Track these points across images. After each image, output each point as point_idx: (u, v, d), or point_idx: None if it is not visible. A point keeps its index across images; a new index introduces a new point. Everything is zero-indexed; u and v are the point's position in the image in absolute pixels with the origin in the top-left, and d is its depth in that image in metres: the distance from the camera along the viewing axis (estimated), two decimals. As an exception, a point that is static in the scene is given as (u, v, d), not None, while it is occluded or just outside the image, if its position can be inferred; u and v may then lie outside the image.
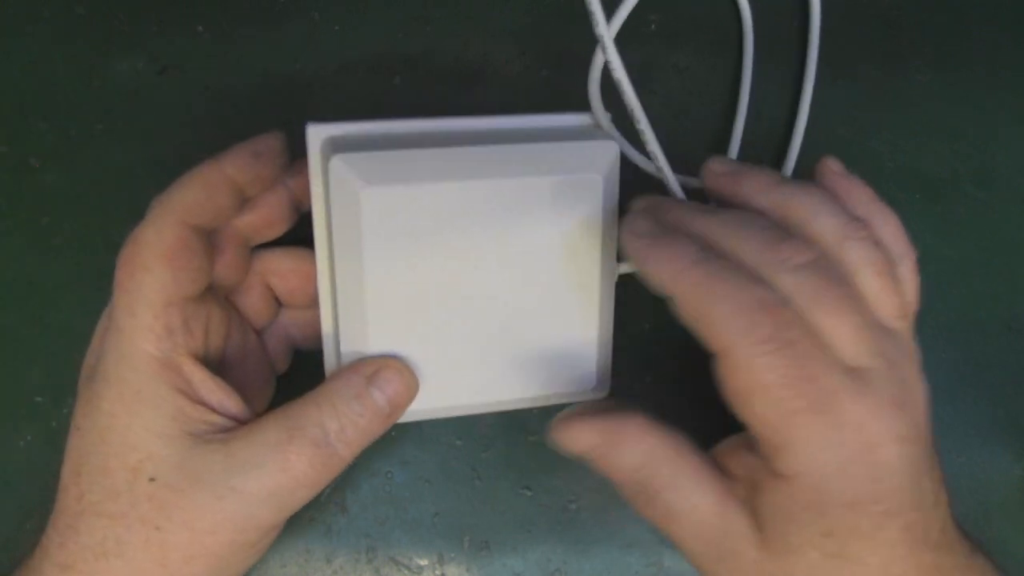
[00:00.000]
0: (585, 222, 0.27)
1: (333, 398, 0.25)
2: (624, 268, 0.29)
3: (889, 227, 0.26)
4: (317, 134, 0.27)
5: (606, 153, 0.27)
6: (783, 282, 0.23)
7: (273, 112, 0.34)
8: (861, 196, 0.26)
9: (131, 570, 0.25)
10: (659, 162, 0.27)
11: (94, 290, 0.33)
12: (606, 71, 0.26)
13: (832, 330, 0.23)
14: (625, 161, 0.29)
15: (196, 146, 0.34)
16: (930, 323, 0.32)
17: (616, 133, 0.28)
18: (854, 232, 0.24)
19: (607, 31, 0.24)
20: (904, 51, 0.35)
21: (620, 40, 0.29)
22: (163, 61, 0.34)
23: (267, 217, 0.28)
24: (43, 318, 0.33)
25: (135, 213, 0.33)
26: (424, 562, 0.33)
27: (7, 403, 0.33)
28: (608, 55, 0.25)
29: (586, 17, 0.24)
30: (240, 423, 0.26)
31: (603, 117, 0.27)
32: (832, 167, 0.27)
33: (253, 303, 0.30)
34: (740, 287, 0.23)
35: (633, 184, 0.30)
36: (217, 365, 0.28)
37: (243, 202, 0.27)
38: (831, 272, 0.24)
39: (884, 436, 0.23)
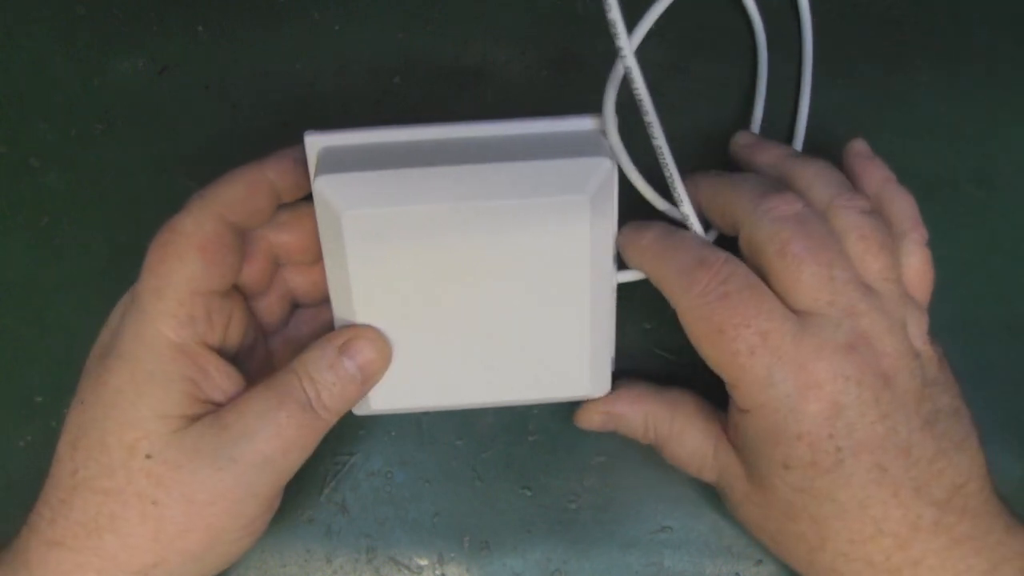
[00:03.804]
0: (574, 240, 0.27)
1: (308, 367, 0.26)
2: (624, 277, 0.29)
3: (899, 204, 0.28)
4: (314, 144, 0.27)
5: (597, 171, 0.26)
6: (762, 230, 0.26)
7: (273, 112, 0.34)
8: (876, 175, 0.28)
9: (123, 545, 0.25)
10: (666, 160, 0.27)
11: (94, 290, 0.33)
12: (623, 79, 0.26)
13: (792, 276, 0.25)
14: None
15: (196, 146, 0.34)
16: (930, 323, 0.32)
17: (617, 140, 0.27)
18: (844, 200, 0.26)
19: (628, 43, 0.24)
20: (904, 51, 0.35)
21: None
22: (163, 61, 0.34)
23: (300, 241, 0.29)
24: (43, 318, 0.33)
25: (135, 213, 0.34)
26: (424, 562, 0.33)
27: (7, 403, 0.33)
28: (627, 63, 0.24)
29: (586, 17, 0.24)
30: None
31: (611, 122, 0.27)
32: (857, 148, 0.29)
33: (269, 306, 0.30)
34: (684, 251, 0.26)
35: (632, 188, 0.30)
36: (230, 361, 0.28)
37: (278, 203, 0.28)
38: (810, 226, 0.26)
39: (827, 375, 0.24)
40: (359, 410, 0.29)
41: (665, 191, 0.28)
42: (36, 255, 0.33)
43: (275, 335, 0.31)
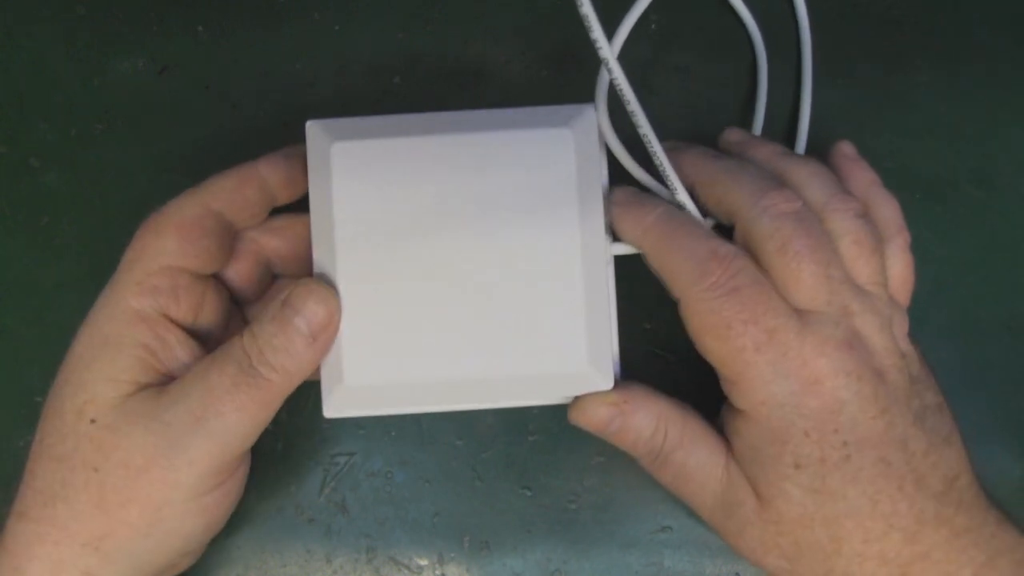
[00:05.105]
0: (560, 182, 0.27)
1: (252, 324, 0.26)
2: (619, 249, 0.28)
3: (885, 209, 0.28)
4: (314, 128, 0.27)
5: (580, 115, 0.27)
6: (763, 226, 0.25)
7: (273, 112, 0.34)
8: (863, 178, 0.28)
9: (72, 513, 0.25)
10: (655, 149, 0.26)
11: (94, 290, 0.33)
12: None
13: (792, 274, 0.25)
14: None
15: (196, 146, 0.34)
16: (930, 323, 0.32)
17: (608, 124, 0.28)
18: (838, 203, 0.26)
19: (609, 50, 0.24)
20: (904, 51, 0.35)
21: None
22: (163, 61, 0.34)
23: (291, 248, 0.29)
24: (43, 318, 0.33)
25: (135, 213, 0.33)
26: (424, 562, 0.33)
27: (7, 403, 0.33)
28: (609, 66, 0.25)
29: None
30: None
31: (602, 106, 0.27)
32: (844, 150, 0.29)
33: None
34: (694, 240, 0.26)
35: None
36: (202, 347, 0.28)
37: (271, 203, 0.28)
38: (809, 224, 0.26)
39: (828, 371, 0.25)
40: (332, 409, 0.27)
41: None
42: (36, 255, 0.33)
43: None
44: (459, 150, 0.27)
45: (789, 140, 0.34)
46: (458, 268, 0.27)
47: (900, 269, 0.28)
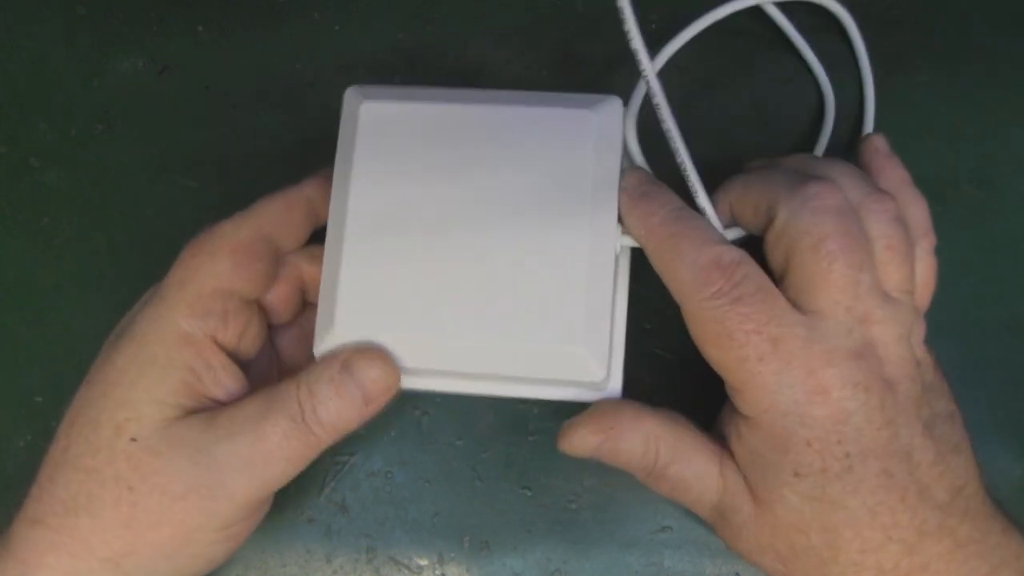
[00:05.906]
0: (577, 164, 0.27)
1: (309, 379, 0.26)
2: (629, 240, 0.28)
3: (914, 209, 0.27)
4: (351, 92, 0.28)
5: (606, 103, 0.28)
6: (802, 219, 0.25)
7: (273, 112, 0.34)
8: (894, 176, 0.28)
9: (96, 528, 0.25)
10: (678, 146, 0.26)
11: (94, 290, 0.33)
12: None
13: (821, 273, 0.24)
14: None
15: (196, 146, 0.34)
16: (930, 323, 0.32)
17: (632, 125, 0.28)
18: (874, 203, 0.26)
19: (650, 66, 0.25)
20: (904, 51, 0.35)
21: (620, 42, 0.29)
22: (163, 61, 0.34)
23: None
24: (43, 318, 0.33)
25: (135, 213, 0.34)
26: (424, 562, 0.33)
27: (7, 403, 0.33)
28: (650, 83, 0.25)
29: (586, 16, 0.24)
30: None
31: (632, 118, 0.28)
32: (876, 144, 0.29)
33: (291, 344, 0.31)
34: (698, 246, 0.25)
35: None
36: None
37: (315, 225, 0.29)
38: (848, 223, 0.25)
39: (836, 381, 0.24)
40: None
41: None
42: (36, 255, 0.33)
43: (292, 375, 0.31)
44: (482, 120, 0.27)
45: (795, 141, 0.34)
46: (466, 234, 0.27)
47: (924, 271, 0.27)
